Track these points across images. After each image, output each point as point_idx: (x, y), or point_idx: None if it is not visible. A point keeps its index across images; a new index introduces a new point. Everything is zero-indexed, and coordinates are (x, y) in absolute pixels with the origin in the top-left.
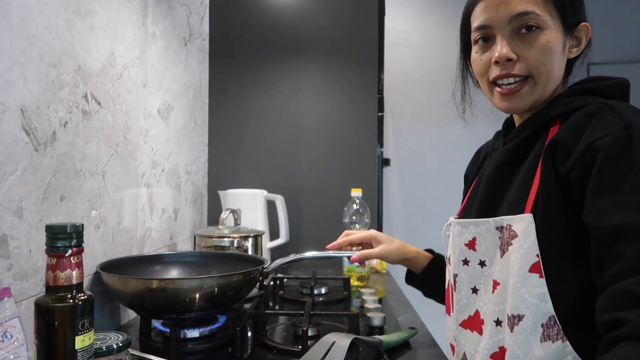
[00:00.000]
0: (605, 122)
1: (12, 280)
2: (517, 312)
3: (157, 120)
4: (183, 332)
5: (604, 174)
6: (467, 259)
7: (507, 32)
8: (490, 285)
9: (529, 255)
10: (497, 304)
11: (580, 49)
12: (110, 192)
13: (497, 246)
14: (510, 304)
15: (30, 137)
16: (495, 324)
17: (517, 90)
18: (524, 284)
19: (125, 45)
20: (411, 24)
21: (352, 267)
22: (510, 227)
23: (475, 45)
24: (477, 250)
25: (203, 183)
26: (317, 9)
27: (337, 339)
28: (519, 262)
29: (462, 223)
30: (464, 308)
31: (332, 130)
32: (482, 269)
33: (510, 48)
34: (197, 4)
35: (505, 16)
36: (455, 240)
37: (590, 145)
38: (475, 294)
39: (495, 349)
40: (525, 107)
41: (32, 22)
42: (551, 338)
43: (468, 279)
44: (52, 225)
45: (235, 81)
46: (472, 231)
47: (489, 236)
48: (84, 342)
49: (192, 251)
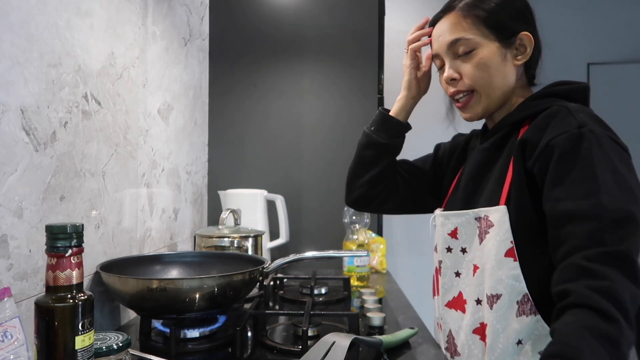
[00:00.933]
0: (563, 122)
1: (12, 280)
2: (495, 292)
3: (157, 120)
4: (183, 332)
5: (558, 167)
6: (450, 247)
7: (450, 57)
8: (471, 269)
9: (504, 241)
10: (477, 285)
11: (527, 55)
12: (110, 192)
13: (476, 234)
14: (488, 284)
15: (30, 137)
16: (476, 303)
17: (467, 102)
18: (501, 267)
19: (125, 45)
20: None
21: (352, 267)
22: (487, 218)
23: (439, 71)
24: (459, 238)
25: (203, 183)
26: (317, 9)
27: (337, 339)
28: (495, 248)
29: (445, 215)
30: (448, 290)
31: (332, 130)
32: (464, 255)
33: (454, 70)
34: (197, 4)
35: (444, 45)
36: (440, 231)
37: (548, 142)
38: (458, 277)
39: (476, 325)
40: (478, 115)
41: (32, 22)
42: (525, 313)
43: (451, 264)
44: (52, 225)
45: (236, 81)
46: (454, 222)
47: (468, 226)
48: (84, 342)
49: (192, 251)
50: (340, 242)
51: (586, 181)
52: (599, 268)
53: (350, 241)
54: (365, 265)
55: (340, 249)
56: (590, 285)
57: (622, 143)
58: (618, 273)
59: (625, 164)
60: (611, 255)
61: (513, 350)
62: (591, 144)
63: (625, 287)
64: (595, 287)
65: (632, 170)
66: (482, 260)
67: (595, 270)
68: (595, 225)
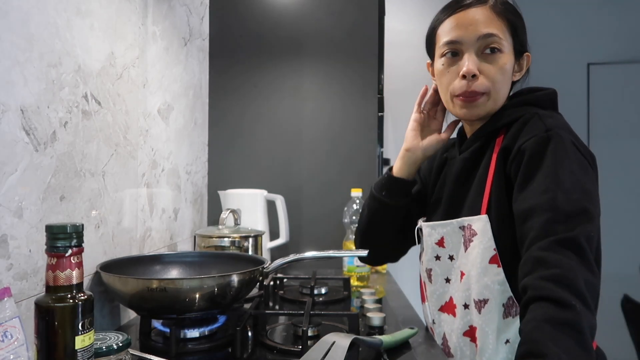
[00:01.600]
0: (533, 127)
1: (12, 280)
2: (482, 297)
3: (157, 120)
4: (183, 332)
5: (526, 169)
6: (439, 255)
7: (474, 50)
8: (458, 275)
9: (488, 249)
10: (464, 291)
11: (522, 74)
12: (110, 192)
13: (461, 242)
14: (475, 290)
15: (30, 137)
16: (464, 308)
17: (475, 100)
18: (486, 274)
19: (125, 45)
20: (411, 24)
21: (352, 267)
22: (471, 227)
23: (442, 58)
24: (446, 247)
25: (203, 183)
26: (317, 9)
27: (337, 339)
28: (480, 255)
29: (431, 225)
30: (441, 296)
31: (332, 130)
32: (452, 262)
33: (476, 66)
34: (197, 4)
35: (473, 35)
36: (427, 240)
37: (520, 146)
38: (448, 283)
39: (466, 328)
40: (479, 116)
41: (32, 22)
42: (511, 314)
43: (441, 272)
44: (52, 225)
45: (236, 81)
46: (439, 231)
47: (454, 235)
48: (84, 342)
49: (192, 251)
50: (340, 242)
51: (547, 179)
52: (551, 256)
53: (350, 241)
54: (365, 265)
55: (340, 249)
56: (544, 276)
57: (585, 150)
58: (570, 260)
59: (583, 169)
60: (562, 242)
61: (502, 350)
62: (557, 145)
63: (579, 272)
64: (549, 277)
65: (589, 174)
66: (468, 267)
67: (547, 259)
68: (549, 217)
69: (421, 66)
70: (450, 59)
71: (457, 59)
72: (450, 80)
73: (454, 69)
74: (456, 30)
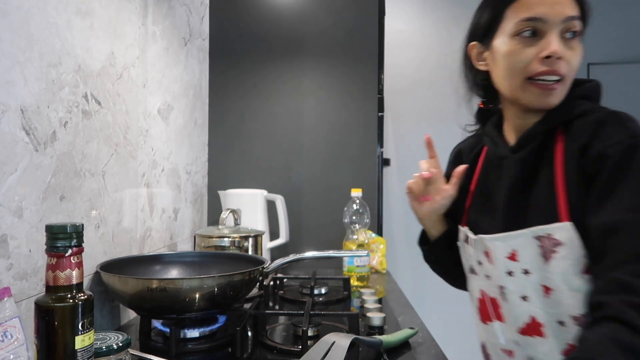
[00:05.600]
0: (615, 130)
1: (12, 280)
2: (583, 312)
3: (157, 120)
4: (183, 332)
5: (610, 178)
6: (511, 271)
7: (557, 32)
8: (540, 291)
9: (579, 259)
10: (553, 307)
11: None
12: (110, 192)
13: (538, 254)
14: (573, 305)
15: (30, 137)
16: (559, 325)
17: (554, 88)
18: (583, 286)
19: (125, 45)
20: (412, 24)
21: (352, 267)
22: (551, 236)
23: (517, 37)
24: (519, 260)
25: (203, 183)
26: (317, 9)
27: (337, 339)
28: (572, 268)
29: (500, 238)
30: (518, 317)
31: (332, 130)
32: (527, 276)
33: (560, 49)
34: (197, 4)
35: (560, 15)
36: (496, 254)
37: (602, 150)
38: (525, 301)
39: (564, 347)
40: (553, 105)
41: (32, 22)
42: None
43: (515, 289)
44: (52, 225)
45: (236, 81)
46: (510, 244)
47: (528, 246)
48: (84, 342)
49: (192, 251)
50: (340, 242)
51: (635, 194)
52: (638, 283)
53: (350, 241)
54: (365, 265)
55: (340, 249)
56: (628, 301)
57: None
58: None
59: None
60: None
61: None
62: None
63: None
64: (633, 304)
65: None
66: (556, 281)
67: (635, 286)
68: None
69: (421, 66)
70: (527, 39)
71: (535, 39)
72: (526, 62)
73: (532, 51)
74: (540, 6)
